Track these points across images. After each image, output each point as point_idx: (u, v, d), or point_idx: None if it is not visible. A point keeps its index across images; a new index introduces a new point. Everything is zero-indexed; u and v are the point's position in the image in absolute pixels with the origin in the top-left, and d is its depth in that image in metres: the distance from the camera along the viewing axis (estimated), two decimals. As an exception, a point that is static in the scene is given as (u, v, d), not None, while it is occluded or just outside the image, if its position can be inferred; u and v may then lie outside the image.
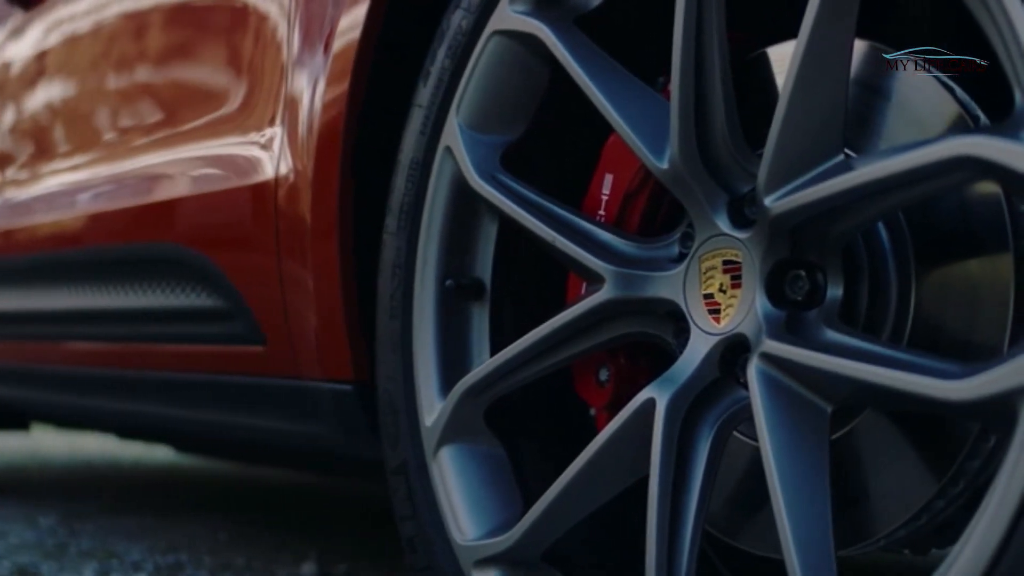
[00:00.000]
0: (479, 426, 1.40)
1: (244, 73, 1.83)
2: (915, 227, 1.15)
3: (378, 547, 2.74)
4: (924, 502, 1.14)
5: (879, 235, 1.16)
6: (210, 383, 1.93)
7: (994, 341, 1.09)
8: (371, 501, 3.57)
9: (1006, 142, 0.93)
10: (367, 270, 1.62)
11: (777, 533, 1.24)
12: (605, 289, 1.27)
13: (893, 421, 1.16)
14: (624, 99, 1.26)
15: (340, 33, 1.59)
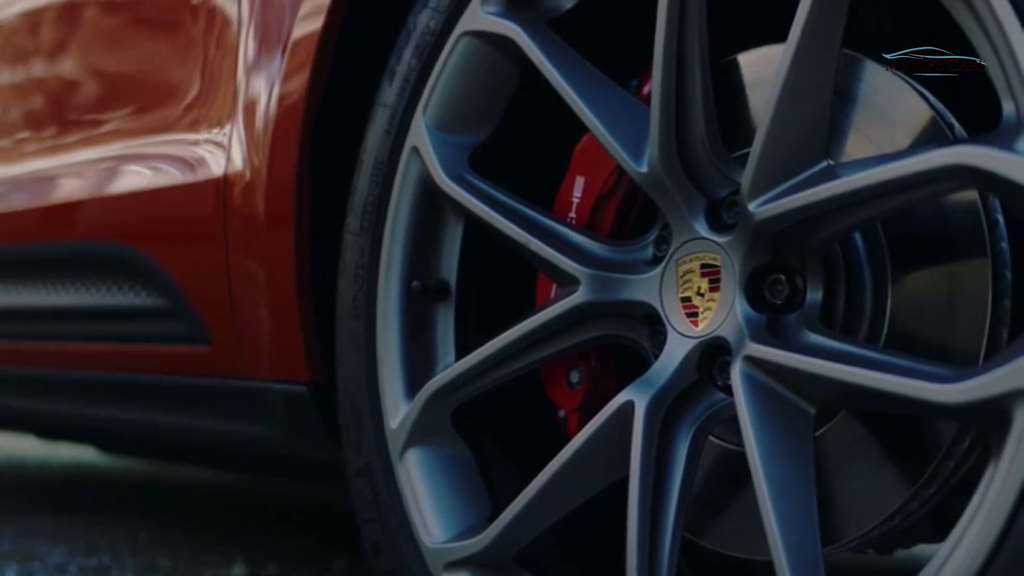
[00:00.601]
0: (446, 428, 1.40)
1: (193, 68, 1.79)
2: (891, 232, 1.17)
3: (307, 548, 2.72)
4: (900, 503, 1.17)
5: (854, 240, 1.18)
6: (152, 384, 1.89)
7: (971, 346, 1.11)
8: (298, 502, 3.54)
9: (1001, 152, 0.95)
10: (321, 269, 1.61)
11: (744, 533, 1.27)
12: (580, 292, 1.27)
13: (867, 424, 1.18)
14: (601, 102, 1.26)
15: (299, 29, 1.58)
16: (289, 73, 1.59)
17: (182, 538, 2.81)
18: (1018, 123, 0.95)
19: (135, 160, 1.91)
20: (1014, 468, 0.92)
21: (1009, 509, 0.93)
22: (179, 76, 1.82)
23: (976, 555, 0.94)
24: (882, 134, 1.18)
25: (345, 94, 1.58)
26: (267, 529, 3.08)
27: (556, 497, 1.27)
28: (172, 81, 1.83)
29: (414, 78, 1.42)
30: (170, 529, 2.95)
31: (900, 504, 1.17)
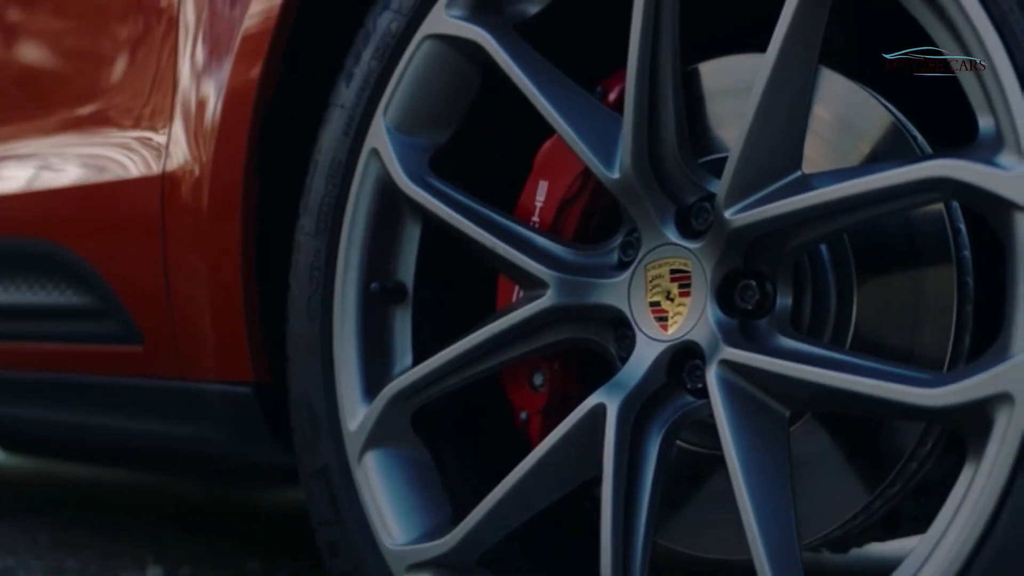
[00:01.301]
0: (406, 431, 1.40)
1: (133, 64, 1.77)
2: (857, 240, 1.20)
3: (221, 549, 2.69)
4: (864, 503, 1.21)
5: (820, 248, 1.21)
6: (82, 384, 1.86)
7: (936, 351, 1.16)
8: (210, 502, 3.49)
9: (983, 166, 0.99)
10: (266, 269, 1.60)
11: (707, 533, 1.30)
12: (548, 295, 1.29)
13: (832, 426, 1.22)
14: (571, 109, 1.28)
15: (248, 27, 1.56)
16: (237, 72, 1.58)
17: (88, 539, 2.75)
18: (997, 138, 0.99)
19: (67, 156, 1.87)
20: (996, 468, 0.96)
21: (992, 507, 0.96)
22: (117, 72, 1.79)
23: (959, 553, 0.98)
24: (849, 146, 1.22)
25: (293, 91, 1.57)
26: (179, 530, 3.04)
27: (524, 498, 1.28)
28: (110, 77, 1.80)
29: (374, 80, 1.42)
30: (75, 530, 2.89)
31: (865, 504, 1.21)
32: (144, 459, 2.74)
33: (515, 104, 1.39)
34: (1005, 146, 0.98)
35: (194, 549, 2.66)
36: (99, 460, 2.93)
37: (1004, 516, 0.96)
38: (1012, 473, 0.96)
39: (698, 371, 1.22)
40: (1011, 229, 0.98)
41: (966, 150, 1.02)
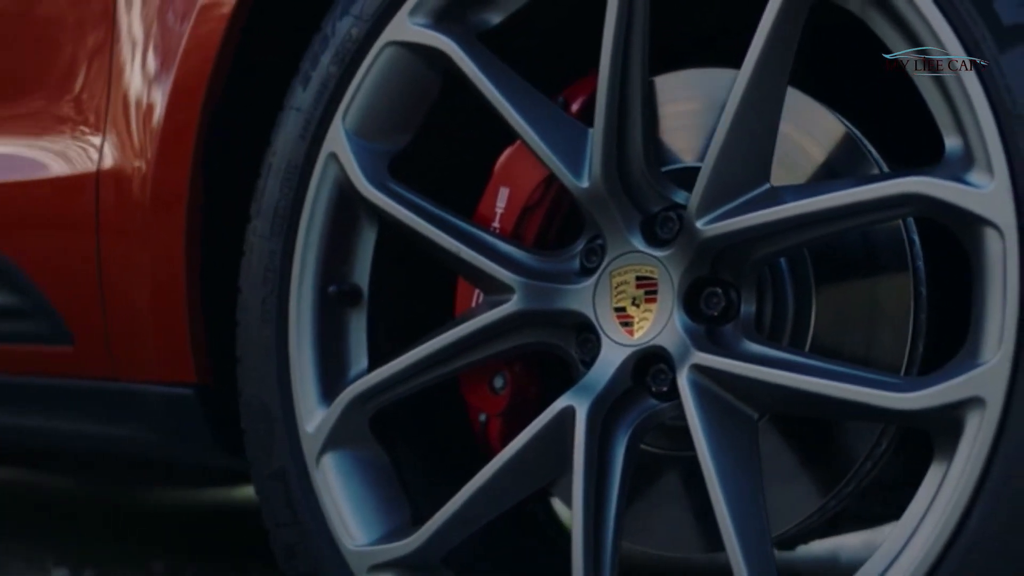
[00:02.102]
0: (364, 433, 1.41)
1: (70, 61, 1.74)
2: (815, 250, 1.26)
3: (124, 551, 2.65)
4: (822, 502, 1.26)
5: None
6: (10, 385, 1.82)
7: (893, 357, 1.22)
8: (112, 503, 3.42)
9: (952, 183, 1.05)
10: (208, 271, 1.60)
11: (662, 530, 1.35)
12: (514, 301, 1.31)
13: (792, 428, 1.27)
14: (538, 119, 1.31)
15: (195, 27, 1.56)
16: (183, 71, 1.57)
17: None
18: (966, 157, 1.05)
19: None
20: (969, 468, 1.03)
21: (965, 505, 1.03)
22: (53, 71, 1.76)
23: (933, 547, 1.04)
24: (807, 159, 1.27)
25: (238, 91, 1.57)
26: (81, 530, 2.98)
27: (491, 499, 1.31)
28: (45, 76, 1.77)
29: (333, 84, 1.43)
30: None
31: (822, 503, 1.26)
32: (33, 460, 2.69)
33: (471, 111, 1.42)
34: (975, 165, 1.04)
35: (97, 550, 2.62)
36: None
37: (976, 513, 1.02)
38: (984, 472, 1.02)
39: (663, 375, 1.26)
40: (981, 244, 1.04)
41: (934, 168, 1.08)
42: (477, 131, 1.46)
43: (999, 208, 1.02)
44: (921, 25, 1.07)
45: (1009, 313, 1.02)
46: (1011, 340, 1.01)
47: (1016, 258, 1.01)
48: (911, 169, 1.10)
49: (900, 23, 1.10)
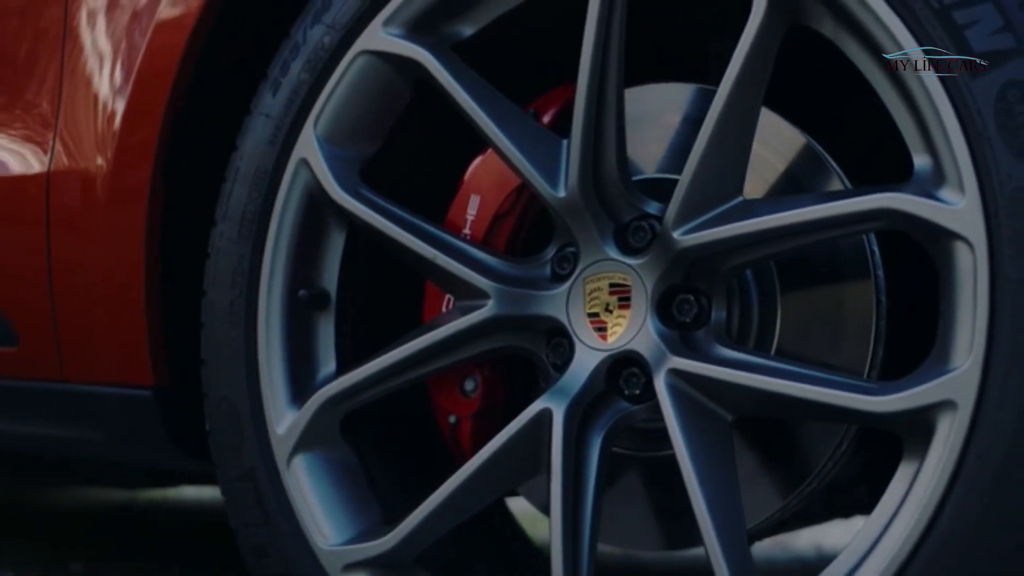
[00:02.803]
0: (335, 434, 1.44)
1: (22, 61, 1.73)
2: (780, 259, 1.32)
3: (40, 552, 2.62)
4: (785, 501, 1.33)
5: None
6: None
7: (857, 362, 1.29)
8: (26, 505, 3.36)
9: (926, 200, 1.12)
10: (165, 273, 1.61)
11: (626, 528, 1.40)
12: (490, 306, 1.35)
13: (758, 429, 1.33)
14: (514, 130, 1.34)
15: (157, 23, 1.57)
16: (145, 73, 1.58)
17: None
18: (936, 175, 1.12)
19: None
20: (941, 467, 1.10)
21: (937, 501, 1.10)
22: (3, 71, 1.75)
23: (907, 541, 1.11)
24: (771, 172, 1.34)
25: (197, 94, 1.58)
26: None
27: (466, 499, 1.35)
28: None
29: (304, 91, 1.45)
30: None
31: (785, 502, 1.33)
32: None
33: (438, 120, 1.46)
34: (947, 183, 1.11)
35: (13, 553, 2.59)
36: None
37: (948, 509, 1.09)
38: (955, 471, 1.09)
39: (635, 378, 1.31)
40: (952, 257, 1.11)
41: (904, 184, 1.15)
42: (442, 139, 1.50)
43: (970, 224, 1.09)
44: (893, 48, 1.14)
45: (979, 322, 1.09)
46: (981, 347, 1.08)
47: (986, 270, 1.08)
48: (881, 185, 1.17)
49: (874, 49, 1.16)
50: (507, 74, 1.44)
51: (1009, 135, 1.08)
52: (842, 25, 1.19)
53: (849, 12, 1.16)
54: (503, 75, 1.43)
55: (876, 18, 1.14)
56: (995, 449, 1.07)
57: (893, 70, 1.15)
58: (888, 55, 1.15)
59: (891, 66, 1.15)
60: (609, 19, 1.28)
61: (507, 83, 1.42)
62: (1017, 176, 1.07)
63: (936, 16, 1.11)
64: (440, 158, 1.51)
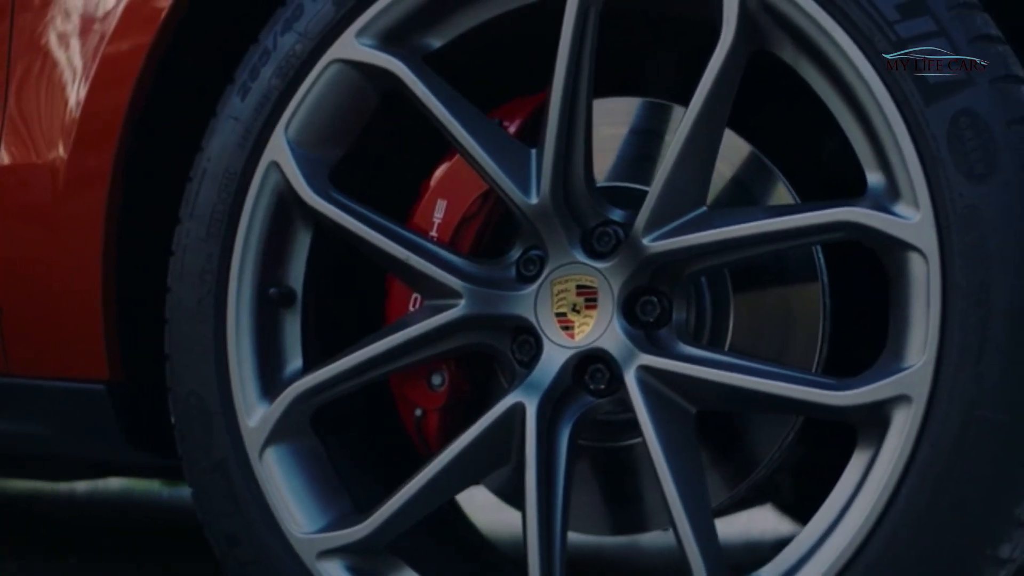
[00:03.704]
0: (305, 427, 1.50)
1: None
2: (736, 265, 1.44)
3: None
4: (735, 487, 1.45)
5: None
6: None
7: (806, 359, 1.41)
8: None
9: (884, 214, 1.24)
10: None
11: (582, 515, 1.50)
12: (462, 305, 1.43)
13: (711, 421, 1.44)
14: (487, 140, 1.42)
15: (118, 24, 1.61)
16: (106, 66, 1.61)
17: None
18: (891, 191, 1.25)
19: None
20: (897, 456, 1.22)
21: (893, 488, 1.22)
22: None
23: (865, 523, 1.23)
24: (721, 182, 1.45)
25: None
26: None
27: (440, 488, 1.43)
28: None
29: (275, 96, 1.51)
30: None
31: (736, 488, 1.45)
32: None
33: (402, 127, 1.53)
34: (902, 199, 1.24)
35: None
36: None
37: (903, 492, 1.22)
38: (910, 460, 1.22)
39: (600, 374, 1.41)
40: (906, 266, 1.24)
41: (859, 199, 1.27)
42: (405, 145, 1.58)
43: (925, 237, 1.22)
44: (855, 79, 1.26)
45: (932, 324, 1.21)
46: (934, 347, 1.21)
47: (939, 279, 1.21)
48: (837, 199, 1.29)
49: (834, 75, 1.28)
50: (467, 84, 1.52)
51: (960, 158, 1.21)
52: (802, 52, 1.30)
53: (812, 42, 1.28)
54: (463, 85, 1.51)
55: (839, 49, 1.26)
56: (946, 438, 1.20)
57: (851, 96, 1.27)
58: (849, 83, 1.26)
59: (851, 94, 1.27)
60: (581, 38, 1.37)
61: (471, 93, 1.50)
62: (967, 195, 1.20)
63: (894, 48, 1.23)
64: (402, 163, 1.58)
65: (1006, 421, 1.18)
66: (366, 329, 1.55)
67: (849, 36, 1.25)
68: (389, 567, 1.46)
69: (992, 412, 1.18)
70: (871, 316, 1.48)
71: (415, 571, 1.47)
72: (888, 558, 1.22)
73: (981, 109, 1.20)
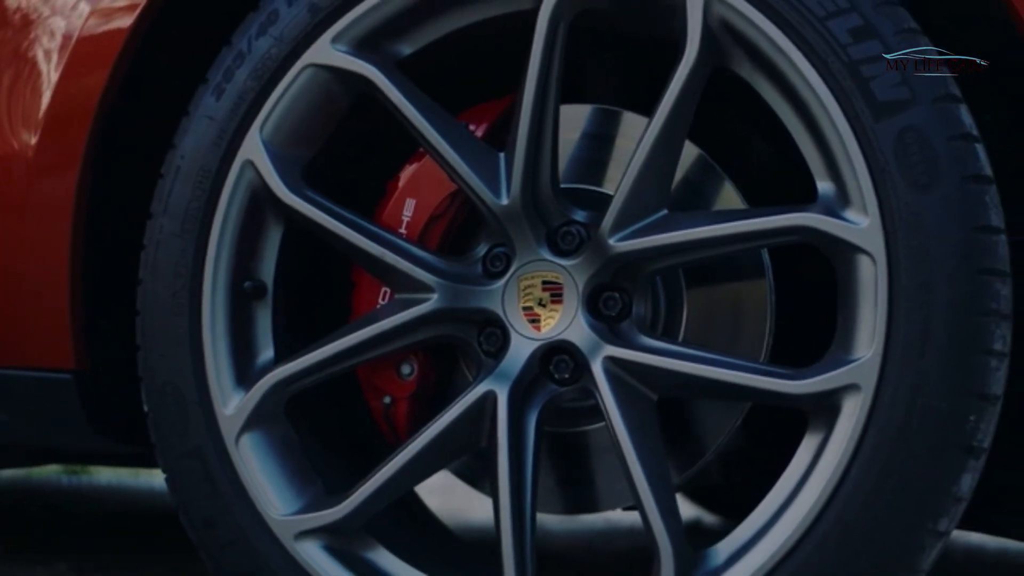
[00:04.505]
0: (279, 414, 1.57)
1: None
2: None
3: None
4: (685, 472, 1.56)
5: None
6: None
7: (754, 350, 1.53)
8: None
9: (836, 220, 1.36)
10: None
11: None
12: (435, 299, 1.52)
13: (665, 409, 1.56)
14: (459, 144, 1.51)
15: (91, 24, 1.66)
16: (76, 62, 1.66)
17: None
18: (841, 198, 1.37)
19: None
20: (848, 439, 1.35)
21: (844, 466, 1.34)
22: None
23: (820, 497, 1.35)
24: (680, 189, 1.56)
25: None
26: None
27: (411, 473, 1.51)
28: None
29: (251, 97, 1.57)
30: None
31: (685, 472, 1.56)
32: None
33: (369, 128, 1.61)
34: (852, 206, 1.36)
35: None
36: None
37: (853, 472, 1.34)
38: (859, 442, 1.34)
39: (564, 364, 1.51)
40: (855, 267, 1.36)
41: (811, 205, 1.39)
42: (372, 145, 1.65)
43: (873, 241, 1.34)
44: (811, 96, 1.37)
45: (880, 320, 1.34)
46: (881, 340, 1.34)
47: (885, 279, 1.34)
48: (792, 205, 1.41)
49: (790, 93, 1.40)
50: (431, 89, 1.60)
51: (905, 170, 1.33)
52: (759, 70, 1.42)
53: (770, 62, 1.39)
54: (428, 90, 1.59)
55: (796, 68, 1.37)
56: (891, 423, 1.33)
57: (805, 111, 1.39)
58: (804, 99, 1.38)
59: (805, 109, 1.39)
60: (551, 50, 1.46)
61: (447, 100, 1.58)
62: (912, 204, 1.33)
63: (847, 69, 1.36)
64: (366, 163, 1.66)
65: (945, 408, 1.32)
66: (333, 321, 1.64)
67: (805, 57, 1.37)
68: (363, 546, 1.55)
69: (932, 400, 1.32)
70: (812, 311, 1.61)
71: (386, 549, 1.55)
72: (840, 530, 1.34)
73: (924, 126, 1.33)
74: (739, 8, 1.39)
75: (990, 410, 1.33)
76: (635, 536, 2.87)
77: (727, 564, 1.40)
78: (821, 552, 1.35)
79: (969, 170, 1.33)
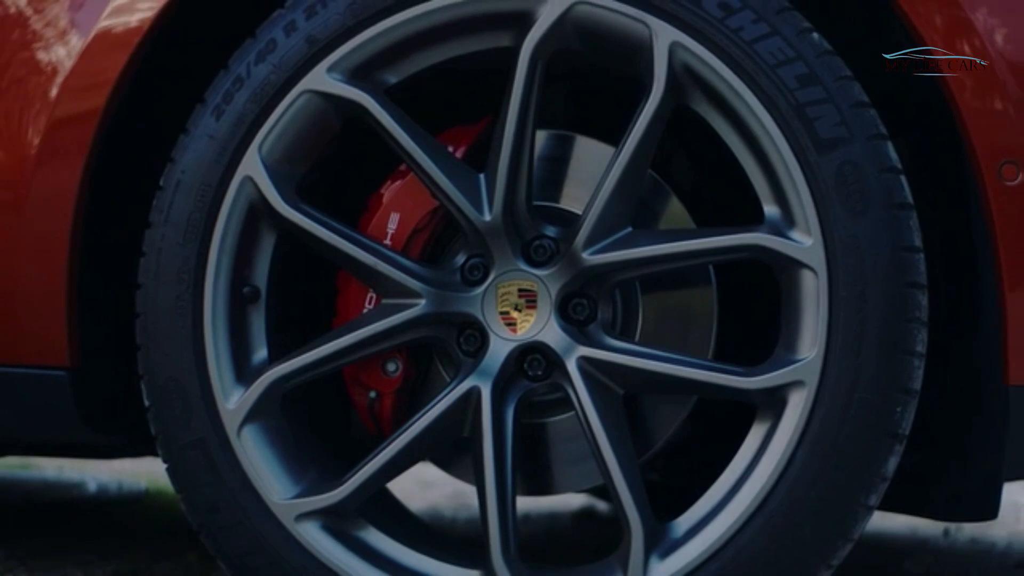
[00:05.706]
0: (276, 408, 1.73)
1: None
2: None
3: None
4: (640, 458, 1.77)
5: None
6: None
7: (701, 351, 1.75)
8: None
9: (784, 239, 1.59)
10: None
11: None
12: (423, 304, 1.70)
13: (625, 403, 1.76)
14: (445, 166, 1.69)
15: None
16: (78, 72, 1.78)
17: None
18: (786, 220, 1.59)
19: None
20: (794, 428, 1.57)
21: (791, 450, 1.57)
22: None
23: (771, 477, 1.57)
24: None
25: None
26: None
27: (400, 461, 1.69)
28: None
29: (251, 119, 1.72)
30: None
31: (640, 457, 1.77)
32: None
33: (353, 148, 1.78)
34: (796, 227, 1.59)
35: None
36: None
37: (799, 456, 1.57)
38: (804, 431, 1.57)
39: (537, 362, 1.70)
40: (800, 280, 1.59)
41: (758, 226, 1.61)
42: (355, 163, 1.82)
43: (816, 258, 1.57)
44: (762, 133, 1.59)
45: (821, 325, 1.57)
46: (822, 343, 1.57)
47: (826, 291, 1.57)
48: (739, 226, 1.63)
49: (742, 129, 1.61)
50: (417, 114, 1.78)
51: (844, 197, 1.56)
52: (714, 107, 1.63)
53: (726, 101, 1.61)
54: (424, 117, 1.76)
55: (749, 108, 1.59)
56: (832, 414, 1.56)
57: (756, 145, 1.61)
58: (754, 133, 1.60)
59: (755, 142, 1.60)
60: (531, 82, 1.65)
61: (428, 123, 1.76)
62: (849, 226, 1.56)
63: (794, 111, 1.58)
64: (352, 178, 1.83)
65: (877, 400, 1.55)
66: (318, 323, 1.80)
67: (758, 99, 1.59)
68: (356, 526, 1.72)
69: (867, 394, 1.55)
70: (749, 317, 1.84)
71: (376, 528, 1.72)
72: (788, 505, 1.57)
73: (860, 160, 1.57)
74: (700, 55, 1.60)
75: (912, 403, 1.57)
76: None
77: (689, 534, 1.61)
78: (772, 523, 1.58)
79: (896, 198, 1.57)
